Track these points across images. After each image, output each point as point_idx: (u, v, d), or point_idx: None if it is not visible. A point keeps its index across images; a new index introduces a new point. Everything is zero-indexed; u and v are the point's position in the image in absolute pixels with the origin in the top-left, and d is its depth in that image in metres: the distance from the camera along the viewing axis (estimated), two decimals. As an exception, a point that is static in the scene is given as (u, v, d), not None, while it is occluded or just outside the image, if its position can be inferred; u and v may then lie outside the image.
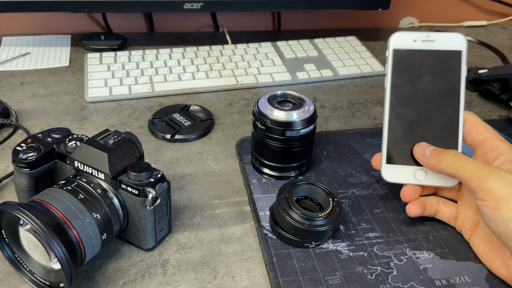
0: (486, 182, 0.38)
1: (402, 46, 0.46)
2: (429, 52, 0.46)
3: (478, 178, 0.39)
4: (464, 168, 0.40)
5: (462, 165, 0.40)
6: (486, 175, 0.38)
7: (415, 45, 0.46)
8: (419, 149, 0.45)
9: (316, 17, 0.96)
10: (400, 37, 0.46)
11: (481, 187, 0.38)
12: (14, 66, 0.73)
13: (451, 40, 0.46)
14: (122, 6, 0.73)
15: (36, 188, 0.44)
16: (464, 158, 0.41)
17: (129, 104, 0.66)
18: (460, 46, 0.46)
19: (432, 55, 0.46)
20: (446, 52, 0.46)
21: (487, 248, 0.43)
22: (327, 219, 0.44)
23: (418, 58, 0.46)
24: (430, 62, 0.46)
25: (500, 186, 0.38)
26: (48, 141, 0.44)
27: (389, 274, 0.43)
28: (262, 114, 0.49)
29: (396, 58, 0.46)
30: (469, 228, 0.46)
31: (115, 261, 0.43)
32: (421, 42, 0.46)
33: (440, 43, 0.46)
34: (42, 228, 0.35)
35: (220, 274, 0.43)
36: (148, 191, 0.40)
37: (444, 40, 0.46)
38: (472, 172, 0.39)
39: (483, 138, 0.44)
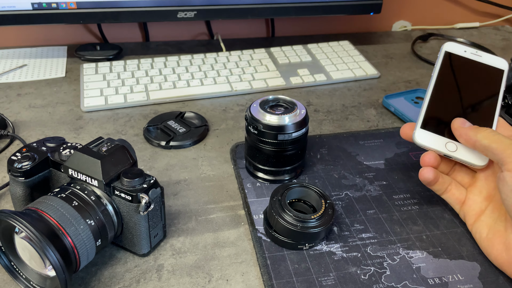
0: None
1: (453, 51, 0.52)
2: (476, 63, 0.51)
3: (511, 151, 0.41)
4: (499, 141, 0.42)
5: (498, 139, 0.42)
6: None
7: (466, 54, 0.52)
8: (459, 121, 0.47)
9: (310, 23, 0.97)
10: (453, 45, 0.52)
11: (510, 158, 0.40)
12: (11, 78, 0.74)
13: (496, 60, 0.51)
14: (117, 16, 0.74)
15: (31, 197, 0.44)
16: (500, 134, 0.43)
17: (124, 113, 0.66)
18: (503, 66, 0.51)
19: (478, 66, 0.51)
20: (490, 67, 0.51)
21: (491, 233, 0.44)
22: (319, 221, 0.44)
23: (466, 64, 0.51)
24: (476, 71, 0.51)
25: None
26: (42, 150, 0.44)
27: (383, 274, 0.43)
28: (255, 119, 0.50)
29: (446, 58, 0.51)
30: (474, 214, 0.46)
31: (110, 267, 0.43)
32: (470, 54, 0.52)
33: (487, 59, 0.51)
34: (36, 236, 0.35)
35: (215, 277, 0.43)
36: (141, 196, 0.40)
37: (489, 59, 0.51)
38: (507, 145, 0.41)
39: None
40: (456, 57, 0.51)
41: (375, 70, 0.79)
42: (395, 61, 0.84)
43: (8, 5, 0.70)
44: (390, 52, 0.88)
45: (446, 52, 0.52)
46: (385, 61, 0.84)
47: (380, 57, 0.86)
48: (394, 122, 0.66)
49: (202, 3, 0.75)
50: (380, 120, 0.67)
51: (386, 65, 0.83)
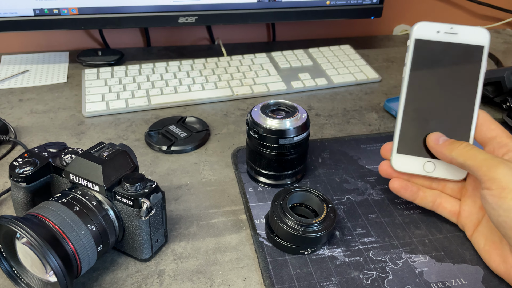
0: (494, 171, 0.39)
1: (424, 37, 0.46)
2: (451, 45, 0.45)
3: (487, 167, 0.40)
4: (474, 157, 0.41)
5: (472, 155, 0.41)
6: (495, 165, 0.39)
7: (437, 36, 0.46)
8: (433, 137, 0.45)
9: (311, 27, 0.97)
10: (423, 27, 0.46)
11: (488, 176, 0.39)
12: (13, 84, 0.74)
13: (474, 34, 0.45)
14: (118, 22, 0.74)
15: (33, 202, 0.44)
16: (476, 149, 0.42)
17: (126, 118, 0.66)
18: (483, 41, 0.45)
19: (453, 48, 0.45)
20: (468, 46, 0.45)
21: (488, 244, 0.44)
22: (321, 225, 0.44)
23: (439, 50, 0.46)
24: (451, 55, 0.46)
25: (507, 176, 0.38)
26: (44, 155, 0.44)
27: (385, 279, 0.43)
28: (256, 123, 0.50)
29: (417, 48, 0.46)
30: (472, 225, 0.46)
31: (112, 272, 0.43)
32: (444, 34, 0.46)
33: (463, 37, 0.45)
34: (37, 241, 0.35)
35: (216, 282, 0.43)
36: (143, 201, 0.40)
37: (467, 33, 0.45)
38: (481, 161, 0.40)
39: (493, 135, 0.44)
40: (427, 45, 0.45)
41: (376, 74, 0.79)
42: (396, 64, 0.84)
43: (10, 11, 0.70)
44: (391, 56, 0.88)
45: (417, 40, 0.46)
46: (386, 65, 0.84)
47: (381, 61, 0.86)
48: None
49: (203, 8, 0.75)
50: (381, 124, 0.67)
51: (387, 68, 0.83)
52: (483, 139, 0.45)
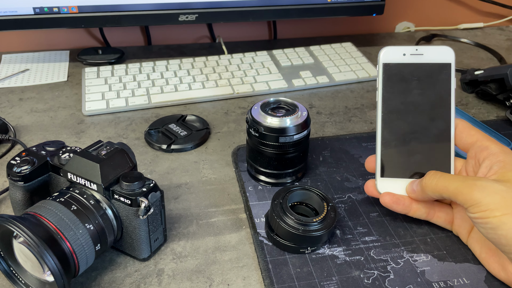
0: (471, 198, 0.39)
1: (392, 60, 0.47)
2: (419, 65, 0.46)
3: (462, 195, 0.39)
4: (445, 189, 0.41)
5: (443, 187, 0.41)
6: (469, 191, 0.39)
7: (404, 58, 0.47)
8: (408, 189, 0.46)
9: (312, 25, 0.97)
10: (389, 52, 0.47)
11: (467, 203, 0.39)
12: (13, 83, 0.74)
13: (440, 53, 0.46)
14: (119, 20, 0.74)
15: (31, 201, 0.44)
16: (444, 178, 0.42)
17: (126, 116, 0.66)
18: (449, 58, 0.46)
19: (421, 68, 0.46)
20: (435, 65, 0.46)
21: (484, 251, 0.43)
22: (322, 224, 0.44)
23: (408, 71, 0.47)
24: (420, 75, 0.46)
25: (484, 198, 0.38)
26: (42, 154, 0.44)
27: (386, 278, 0.42)
28: (256, 121, 0.49)
29: (386, 72, 0.47)
30: (466, 232, 0.45)
31: (110, 272, 0.43)
32: (410, 56, 0.47)
33: (429, 56, 0.46)
34: (34, 240, 0.35)
35: (216, 282, 0.42)
36: (141, 200, 0.40)
37: (433, 53, 0.46)
38: (454, 190, 0.40)
39: (473, 140, 0.44)
40: (396, 68, 0.46)
41: (378, 72, 0.78)
42: (398, 62, 0.84)
43: (10, 10, 0.70)
44: (393, 53, 0.87)
45: (384, 64, 0.46)
46: (388, 63, 0.83)
47: (383, 59, 0.85)
48: (397, 124, 0.66)
49: (203, 6, 0.75)
50: (383, 122, 0.66)
51: (389, 66, 0.82)
52: (465, 145, 0.45)
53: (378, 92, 0.47)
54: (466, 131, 0.45)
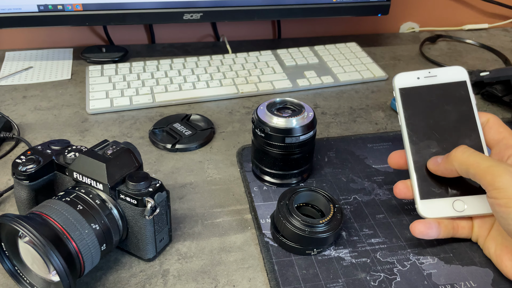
0: (499, 181, 0.37)
1: (407, 85, 0.47)
2: (435, 86, 0.47)
3: (491, 176, 0.38)
4: (477, 165, 0.39)
5: (474, 162, 0.40)
6: (500, 173, 0.38)
7: (419, 82, 0.47)
8: (431, 161, 0.44)
9: (316, 24, 0.96)
10: (403, 77, 0.47)
11: (493, 185, 0.38)
12: (17, 80, 0.74)
13: (453, 72, 0.47)
14: (123, 18, 0.73)
15: (36, 200, 0.44)
16: (476, 154, 0.40)
17: (130, 115, 0.66)
18: (462, 77, 0.46)
19: (438, 88, 0.46)
20: (451, 84, 0.46)
21: (499, 249, 0.43)
22: (328, 226, 0.43)
23: (425, 92, 0.46)
24: (439, 95, 0.46)
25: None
26: (47, 153, 0.44)
27: (393, 281, 0.42)
28: (262, 122, 0.49)
29: (404, 96, 0.47)
30: (485, 233, 0.44)
31: (115, 272, 0.43)
32: (424, 79, 0.47)
33: (443, 77, 0.47)
34: (40, 240, 0.35)
35: (221, 283, 0.42)
36: (147, 200, 0.39)
37: (446, 73, 0.47)
38: (485, 169, 0.39)
39: (500, 138, 0.44)
40: (413, 91, 0.47)
41: (383, 72, 0.78)
42: (403, 63, 0.83)
43: (14, 7, 0.70)
44: (398, 54, 0.87)
45: (400, 89, 0.47)
46: (393, 63, 0.83)
47: (388, 59, 0.85)
48: (402, 125, 0.65)
49: (208, 5, 0.75)
50: (388, 123, 0.66)
51: (394, 67, 0.82)
52: (491, 141, 0.45)
53: (400, 117, 0.46)
54: (495, 128, 0.44)
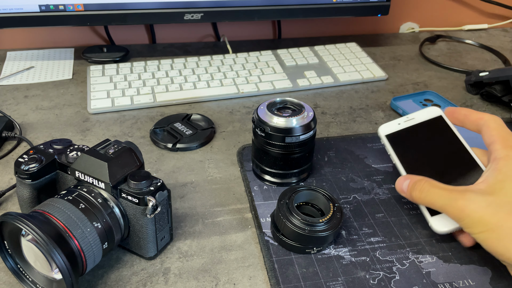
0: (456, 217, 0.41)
1: (391, 131, 0.51)
2: (416, 125, 0.51)
3: (448, 213, 0.42)
4: (433, 205, 0.43)
5: (430, 203, 0.43)
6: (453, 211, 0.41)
7: (401, 126, 0.51)
8: (397, 187, 0.47)
9: (316, 24, 0.97)
10: (386, 126, 0.52)
11: (456, 221, 0.41)
12: (18, 80, 0.74)
13: (429, 112, 0.52)
14: (124, 18, 0.74)
15: (38, 199, 0.44)
16: (431, 194, 0.43)
17: (131, 115, 0.66)
18: (438, 113, 0.51)
19: (419, 127, 0.51)
20: (429, 120, 0.51)
21: None
22: (328, 224, 0.44)
23: (409, 133, 0.51)
24: (422, 132, 0.51)
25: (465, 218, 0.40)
26: (49, 152, 0.44)
27: (392, 279, 0.42)
28: (262, 121, 0.50)
29: (391, 140, 0.51)
30: None
31: (117, 270, 0.43)
32: (405, 123, 0.52)
33: (420, 118, 0.51)
34: (43, 238, 0.35)
35: (222, 281, 0.42)
36: (148, 199, 0.40)
37: (423, 114, 0.52)
38: (440, 208, 0.43)
39: (490, 141, 0.45)
40: (397, 134, 0.51)
41: (383, 72, 0.78)
42: (403, 63, 0.84)
43: (15, 7, 0.70)
44: (397, 54, 0.87)
45: (386, 136, 0.51)
46: (392, 63, 0.83)
47: (388, 59, 0.85)
48: (402, 125, 0.66)
49: (208, 5, 0.75)
50: (388, 123, 0.66)
51: (394, 67, 0.82)
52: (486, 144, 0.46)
53: (392, 157, 0.50)
54: (489, 132, 0.45)
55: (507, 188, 0.40)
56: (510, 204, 0.39)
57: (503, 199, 0.40)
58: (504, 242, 0.38)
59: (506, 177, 0.41)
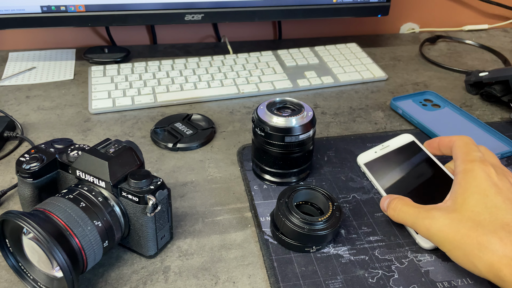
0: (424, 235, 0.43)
1: (369, 159, 0.55)
2: (391, 152, 0.55)
3: (418, 231, 0.44)
4: (404, 223, 0.46)
5: (402, 221, 0.46)
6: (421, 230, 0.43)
7: (377, 154, 0.55)
8: (381, 205, 0.49)
9: (317, 25, 0.97)
10: (363, 155, 0.56)
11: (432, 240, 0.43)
12: (20, 81, 0.75)
13: (402, 139, 0.56)
14: (125, 19, 0.74)
15: (39, 198, 0.45)
16: (402, 213, 0.45)
17: (132, 115, 0.67)
18: (410, 139, 0.56)
19: (394, 153, 0.55)
20: (403, 146, 0.55)
21: None
22: (327, 223, 0.44)
23: (386, 159, 0.55)
24: (397, 157, 0.54)
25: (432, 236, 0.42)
26: (50, 151, 0.44)
27: (391, 278, 0.43)
28: (261, 121, 0.50)
29: (370, 168, 0.54)
30: None
31: (117, 268, 0.43)
32: (380, 151, 0.55)
33: (395, 144, 0.55)
34: (44, 236, 0.35)
35: (221, 280, 0.43)
36: (148, 198, 0.40)
37: (396, 142, 0.56)
38: (411, 226, 0.45)
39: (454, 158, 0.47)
40: (375, 161, 0.55)
41: (383, 73, 0.78)
42: (403, 63, 0.84)
43: (17, 8, 0.71)
44: (397, 54, 0.87)
45: (365, 164, 0.55)
46: (392, 64, 0.84)
47: (388, 59, 0.85)
48: (402, 125, 0.66)
49: (209, 6, 0.75)
50: (388, 123, 0.66)
51: (394, 67, 0.82)
52: None
53: (374, 183, 0.53)
54: (454, 151, 0.48)
55: (468, 201, 0.41)
56: (471, 219, 0.40)
57: (464, 214, 0.41)
58: (470, 258, 0.40)
59: (465, 190, 0.42)
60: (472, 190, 0.42)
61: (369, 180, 0.54)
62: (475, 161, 0.44)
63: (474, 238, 0.39)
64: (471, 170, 0.43)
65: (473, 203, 0.41)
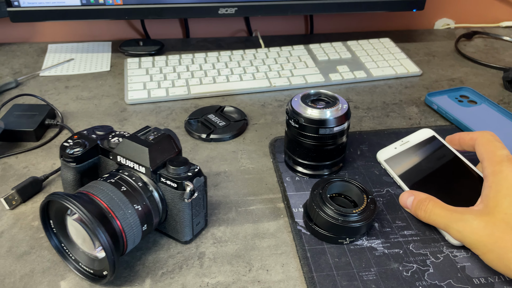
0: (457, 238, 0.43)
1: (390, 155, 0.54)
2: (412, 147, 0.54)
3: (450, 234, 0.43)
4: (436, 225, 0.45)
5: (434, 223, 0.45)
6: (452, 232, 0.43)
7: (398, 150, 0.54)
8: (401, 202, 0.48)
9: (349, 19, 0.96)
10: (383, 151, 0.55)
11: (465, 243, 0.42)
12: (59, 71, 0.77)
13: (422, 134, 0.55)
14: (160, 12, 0.76)
15: (81, 182, 0.46)
16: (434, 215, 0.44)
17: (166, 106, 0.68)
18: (430, 133, 0.54)
19: (415, 148, 0.54)
20: (424, 141, 0.54)
21: None
22: (361, 215, 0.44)
23: (407, 155, 0.54)
24: (418, 152, 0.53)
25: (465, 239, 0.42)
26: (92, 137, 0.46)
27: (425, 272, 0.42)
28: (296, 112, 0.50)
29: (391, 164, 0.53)
30: None
31: (154, 252, 0.45)
32: (401, 146, 0.54)
33: (415, 140, 0.54)
34: (88, 217, 0.37)
35: (255, 267, 0.43)
36: (186, 184, 0.41)
37: (416, 137, 0.55)
38: (443, 229, 0.44)
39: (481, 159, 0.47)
40: (396, 157, 0.53)
41: (417, 68, 0.77)
42: (437, 59, 0.83)
43: (58, 1, 0.73)
44: (432, 50, 0.86)
45: (385, 160, 0.54)
46: (427, 59, 0.82)
47: (422, 55, 0.84)
48: (437, 120, 0.65)
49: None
50: (422, 118, 0.65)
51: (429, 63, 0.81)
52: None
53: (396, 179, 0.52)
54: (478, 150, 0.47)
55: (501, 204, 0.41)
56: (504, 222, 0.40)
57: (498, 217, 0.40)
58: (504, 261, 0.39)
59: (496, 192, 0.42)
60: (504, 192, 0.41)
61: (391, 176, 0.53)
62: (503, 161, 0.43)
63: (508, 241, 0.39)
64: (500, 172, 0.42)
65: (506, 205, 0.40)
